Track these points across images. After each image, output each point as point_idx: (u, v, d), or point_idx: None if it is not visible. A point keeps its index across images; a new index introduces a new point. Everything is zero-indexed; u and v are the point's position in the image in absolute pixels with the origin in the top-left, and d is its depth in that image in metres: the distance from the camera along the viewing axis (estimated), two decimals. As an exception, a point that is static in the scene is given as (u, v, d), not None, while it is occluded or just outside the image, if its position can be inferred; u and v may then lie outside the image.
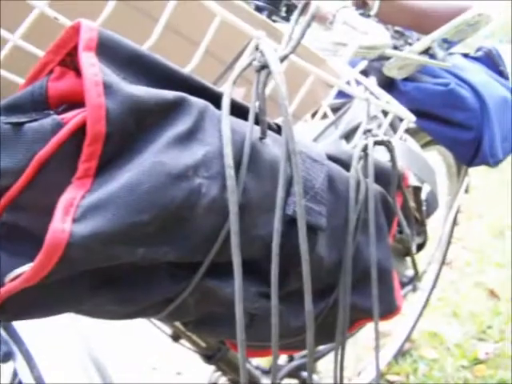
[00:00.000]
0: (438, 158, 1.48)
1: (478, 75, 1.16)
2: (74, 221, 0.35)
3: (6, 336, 0.67)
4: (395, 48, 1.01)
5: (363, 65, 0.69)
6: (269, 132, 0.46)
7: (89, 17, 0.41)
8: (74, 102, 0.38)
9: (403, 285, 1.46)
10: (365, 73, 0.94)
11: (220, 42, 0.51)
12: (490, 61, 1.27)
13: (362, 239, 0.52)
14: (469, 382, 1.64)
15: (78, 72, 0.38)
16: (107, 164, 0.37)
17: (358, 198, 0.50)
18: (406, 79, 1.07)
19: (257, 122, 0.44)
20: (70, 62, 0.39)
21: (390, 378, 1.68)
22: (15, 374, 0.74)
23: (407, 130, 0.85)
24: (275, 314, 0.43)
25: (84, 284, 0.40)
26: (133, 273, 0.41)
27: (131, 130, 0.37)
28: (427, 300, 1.76)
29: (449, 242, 1.71)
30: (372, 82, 0.76)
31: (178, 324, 0.88)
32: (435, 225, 1.77)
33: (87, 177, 0.36)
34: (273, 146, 0.45)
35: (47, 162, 0.36)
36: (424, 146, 1.32)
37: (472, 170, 1.55)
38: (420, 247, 0.68)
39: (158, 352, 1.75)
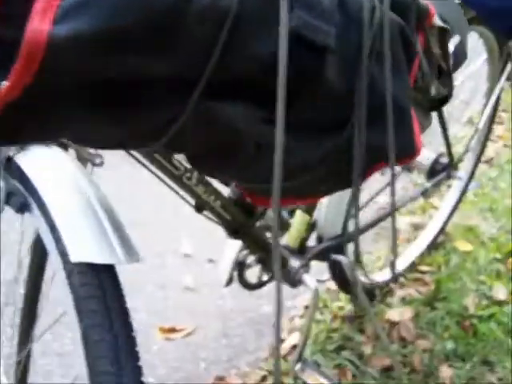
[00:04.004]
0: (478, 41, 1.41)
1: None
2: (54, 22, 0.33)
3: (21, 187, 0.68)
4: None
5: None
6: None
7: None
8: None
9: (437, 172, 1.43)
10: None
11: None
12: None
13: (377, 72, 0.49)
14: (501, 273, 1.63)
15: None
16: None
17: (372, 22, 0.47)
18: None
19: None
20: None
21: (422, 268, 1.68)
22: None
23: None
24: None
25: (78, 101, 0.38)
26: (130, 90, 0.39)
27: None
28: (462, 194, 1.72)
29: (487, 135, 1.66)
30: None
31: (200, 191, 0.88)
32: (475, 115, 1.71)
33: None
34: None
35: None
36: (464, 24, 1.24)
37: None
38: (443, 101, 0.64)
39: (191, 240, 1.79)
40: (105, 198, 0.65)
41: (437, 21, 0.57)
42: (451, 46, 0.64)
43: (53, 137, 0.42)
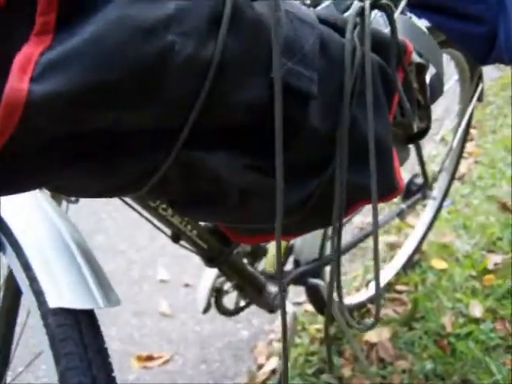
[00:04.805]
0: (449, 62, 1.42)
1: (495, -35, 1.09)
2: (33, 79, 0.32)
3: (-4, 228, 0.66)
4: None
5: None
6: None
7: None
8: None
9: (413, 192, 1.44)
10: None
11: None
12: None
13: (358, 112, 0.49)
14: (477, 290, 1.64)
15: None
16: (68, 17, 0.34)
17: (353, 63, 0.46)
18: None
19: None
20: None
21: (399, 287, 1.68)
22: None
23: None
24: (280, 188, 0.40)
25: (57, 155, 0.37)
26: (110, 142, 0.38)
27: None
28: (437, 212, 1.74)
29: (460, 154, 1.67)
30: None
31: (176, 222, 0.87)
32: (446, 136, 1.73)
33: (46, 32, 0.33)
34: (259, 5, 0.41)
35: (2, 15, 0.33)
36: (436, 47, 1.26)
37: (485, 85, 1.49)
38: (422, 133, 0.64)
39: (166, 264, 1.77)
40: (81, 239, 0.64)
41: (415, 57, 0.57)
42: (428, 79, 0.64)
43: (34, 188, 0.40)
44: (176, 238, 0.93)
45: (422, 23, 1.13)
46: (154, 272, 1.76)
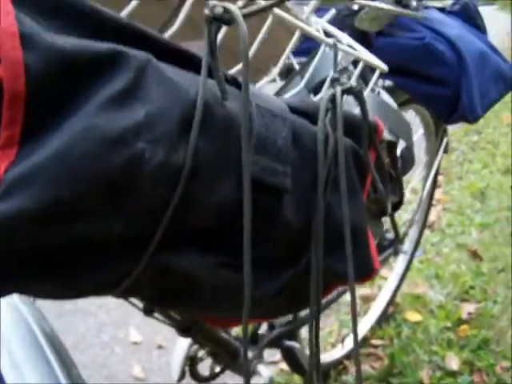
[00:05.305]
0: (415, 118, 1.45)
1: (455, 29, 1.12)
2: None
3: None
4: None
5: (332, 13, 0.64)
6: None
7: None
8: None
9: (384, 248, 1.43)
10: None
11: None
12: (467, 14, 1.23)
13: (332, 198, 0.48)
14: (453, 342, 1.63)
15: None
16: (34, 130, 0.32)
17: (326, 152, 0.46)
18: (379, 34, 1.03)
19: (209, 74, 0.40)
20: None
21: (374, 342, 1.67)
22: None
23: (382, 88, 0.80)
24: (248, 285, 0.39)
25: (18, 270, 0.35)
26: (76, 252, 0.36)
27: (58, 89, 0.32)
28: (409, 263, 1.74)
29: (430, 204, 1.69)
30: (342, 34, 0.71)
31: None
32: (415, 186, 1.75)
33: (10, 146, 0.32)
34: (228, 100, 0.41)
35: None
36: (400, 105, 1.28)
37: (449, 132, 1.52)
38: (396, 207, 0.64)
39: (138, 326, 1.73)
40: (49, 328, 0.61)
41: (385, 134, 0.57)
42: (398, 152, 0.64)
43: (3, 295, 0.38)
44: (148, 310, 0.90)
45: (387, 83, 1.15)
46: (126, 334, 1.72)
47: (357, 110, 0.53)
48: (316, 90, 0.59)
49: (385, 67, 0.58)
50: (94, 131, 0.32)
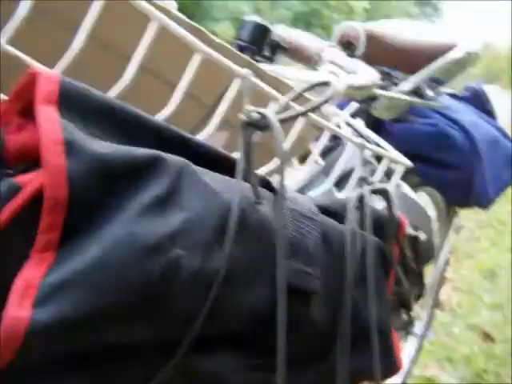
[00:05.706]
0: (426, 199, 1.45)
1: (467, 115, 1.14)
2: (34, 305, 0.30)
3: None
4: (382, 88, 0.98)
5: (354, 107, 0.65)
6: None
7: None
8: (37, 157, 0.33)
9: (396, 330, 1.41)
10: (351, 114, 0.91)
11: (200, 83, 0.47)
12: (478, 100, 1.25)
13: (358, 292, 0.48)
14: (467, 430, 1.58)
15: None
16: (71, 234, 0.32)
17: (354, 252, 0.46)
18: (392, 120, 1.05)
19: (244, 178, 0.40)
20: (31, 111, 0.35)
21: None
22: None
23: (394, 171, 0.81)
24: None
25: (58, 367, 0.35)
26: (105, 354, 0.36)
27: (98, 195, 0.33)
28: (420, 345, 1.70)
29: (440, 285, 1.67)
30: (360, 124, 0.73)
31: None
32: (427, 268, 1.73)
33: (48, 250, 0.31)
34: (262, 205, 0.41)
35: (1, 233, 0.31)
36: (412, 187, 1.29)
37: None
38: (417, 298, 0.63)
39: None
40: None
41: (409, 230, 0.57)
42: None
43: None
44: None
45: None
46: None
47: (379, 203, 0.54)
48: (338, 182, 0.59)
49: (409, 163, 0.58)
50: (132, 238, 0.32)
